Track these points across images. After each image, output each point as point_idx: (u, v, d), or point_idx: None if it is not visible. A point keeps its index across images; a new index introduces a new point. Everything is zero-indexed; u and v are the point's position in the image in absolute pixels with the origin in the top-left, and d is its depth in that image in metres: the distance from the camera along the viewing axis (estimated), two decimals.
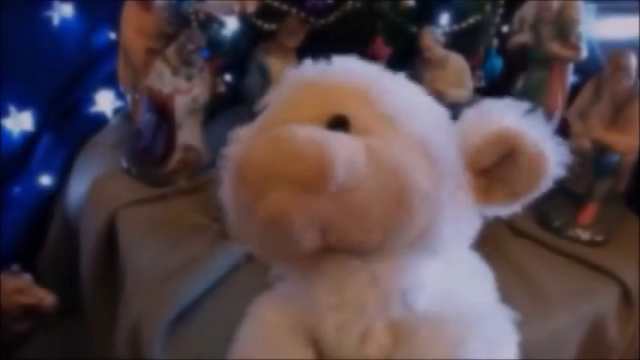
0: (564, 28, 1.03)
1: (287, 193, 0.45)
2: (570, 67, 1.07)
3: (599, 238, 0.96)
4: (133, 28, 1.07)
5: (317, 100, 0.50)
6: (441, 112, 0.53)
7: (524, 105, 0.52)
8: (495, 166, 0.51)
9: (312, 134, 0.45)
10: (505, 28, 1.15)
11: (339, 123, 0.48)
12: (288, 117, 0.49)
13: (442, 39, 1.04)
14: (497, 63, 1.14)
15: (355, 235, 0.47)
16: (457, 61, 1.06)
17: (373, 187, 0.45)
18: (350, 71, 0.52)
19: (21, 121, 1.14)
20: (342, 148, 0.45)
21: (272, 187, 0.45)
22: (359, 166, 0.45)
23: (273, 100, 0.54)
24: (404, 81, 0.54)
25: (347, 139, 0.46)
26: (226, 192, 0.50)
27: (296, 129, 0.45)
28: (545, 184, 0.50)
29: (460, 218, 0.51)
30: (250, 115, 0.57)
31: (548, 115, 0.53)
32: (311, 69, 0.53)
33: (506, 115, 0.51)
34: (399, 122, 0.49)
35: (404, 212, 0.46)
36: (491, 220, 0.54)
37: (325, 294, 0.51)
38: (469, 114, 0.53)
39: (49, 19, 1.16)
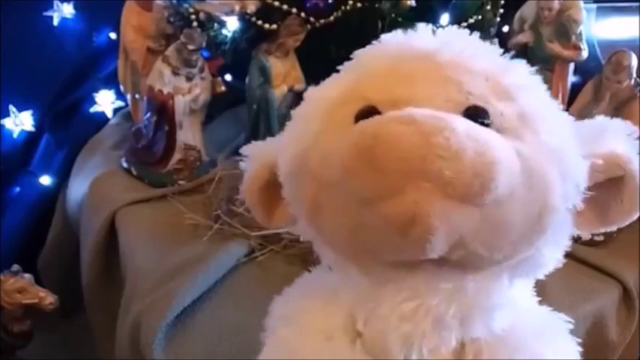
0: (564, 28, 1.03)
1: (431, 195, 0.37)
2: (571, 67, 1.07)
3: (599, 237, 0.95)
4: (133, 28, 1.07)
5: (442, 81, 0.41)
6: (568, 120, 0.46)
7: (628, 128, 0.46)
8: (594, 189, 0.44)
9: (472, 131, 0.37)
10: (505, 28, 1.15)
11: (477, 118, 0.40)
12: (401, 95, 0.41)
13: None
14: None
15: (484, 252, 0.40)
16: None
17: (521, 202, 0.39)
18: (476, 52, 0.43)
19: (21, 121, 1.14)
20: (504, 152, 0.38)
21: (414, 184, 0.36)
22: (516, 178, 0.38)
23: (365, 63, 0.45)
24: (536, 77, 0.46)
25: (500, 140, 0.39)
26: (330, 172, 0.40)
27: (451, 119, 0.37)
28: (636, 217, 0.45)
29: (562, 242, 0.45)
30: (250, 115, 0.55)
31: None
32: (425, 38, 0.44)
33: (618, 137, 0.45)
34: (537, 126, 0.41)
35: (539, 232, 0.41)
36: None
37: (398, 301, 0.44)
38: (582, 128, 0.46)
39: (49, 19, 1.16)
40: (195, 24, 0.98)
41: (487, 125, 0.40)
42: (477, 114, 0.40)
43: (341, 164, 0.38)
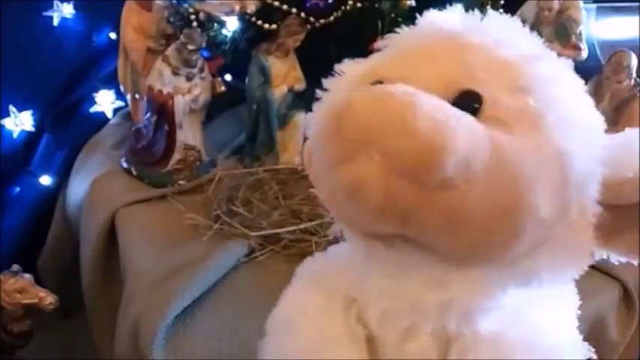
0: (564, 28, 1.03)
1: (379, 166, 0.37)
2: (571, 67, 1.07)
3: None
4: (133, 28, 1.07)
5: (451, 62, 0.41)
6: (597, 125, 0.43)
7: None
8: (633, 209, 0.40)
9: (435, 109, 0.36)
10: None
11: (470, 101, 0.39)
12: (409, 72, 0.41)
13: None
14: None
15: (438, 239, 0.39)
16: None
17: (481, 194, 0.37)
18: (505, 39, 0.42)
19: (21, 121, 1.14)
20: (464, 137, 0.36)
21: (365, 152, 0.37)
22: (475, 166, 0.37)
23: (399, 42, 0.45)
24: (569, 72, 0.44)
25: (473, 126, 0.37)
26: (316, 137, 0.42)
27: (421, 97, 0.37)
28: None
29: (568, 259, 0.42)
30: (250, 115, 0.55)
31: None
32: (459, 20, 0.43)
33: None
34: (545, 124, 0.39)
35: (508, 232, 0.38)
36: None
37: (383, 276, 0.45)
38: (621, 137, 0.43)
39: (49, 19, 1.16)
40: (195, 24, 0.98)
41: (475, 110, 0.38)
42: (470, 98, 0.39)
43: (319, 129, 0.41)
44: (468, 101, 0.39)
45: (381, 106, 0.37)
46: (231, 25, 1.00)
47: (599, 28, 1.13)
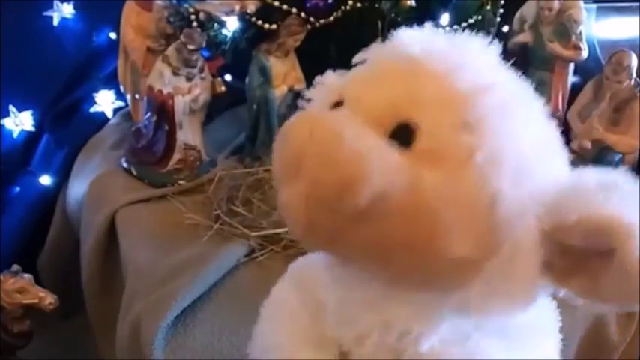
0: (564, 28, 1.03)
1: (303, 191, 0.39)
2: (571, 67, 1.07)
3: None
4: (133, 28, 1.07)
5: (400, 88, 0.40)
6: (543, 159, 0.41)
7: (630, 184, 0.39)
8: (582, 252, 0.38)
9: (359, 143, 0.37)
10: (505, 28, 1.15)
11: (404, 134, 0.39)
12: (361, 94, 0.42)
13: None
14: None
15: (362, 260, 0.41)
16: None
17: (396, 227, 0.38)
18: (463, 64, 0.40)
19: (21, 121, 1.14)
20: (381, 171, 0.37)
21: (295, 177, 0.39)
22: (389, 200, 0.37)
23: (370, 58, 0.45)
24: (524, 100, 0.42)
25: (395, 159, 0.38)
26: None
27: (350, 128, 0.38)
28: (635, 300, 0.38)
29: (503, 293, 0.41)
30: (250, 115, 0.55)
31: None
32: (418, 41, 0.42)
33: (611, 198, 0.37)
34: (477, 160, 0.37)
35: (424, 268, 0.39)
36: None
37: (337, 285, 0.47)
38: (576, 177, 0.41)
39: (49, 19, 1.16)
40: (195, 24, 0.98)
41: (409, 142, 0.38)
42: (407, 129, 0.39)
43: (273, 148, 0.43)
44: (404, 132, 0.39)
45: (312, 134, 0.39)
46: (231, 25, 1.00)
47: (599, 28, 1.13)
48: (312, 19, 1.01)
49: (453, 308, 0.42)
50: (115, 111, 1.22)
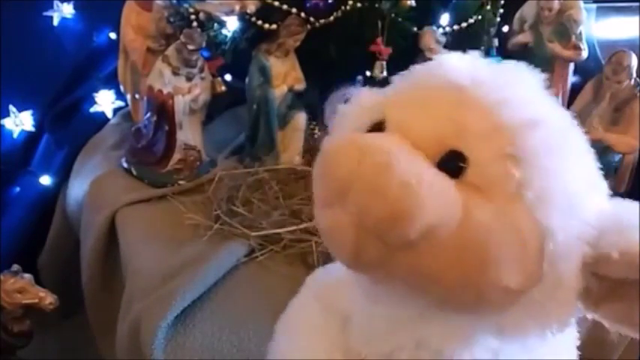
0: (565, 29, 1.03)
1: (351, 219, 0.39)
2: (571, 67, 1.07)
3: None
4: (133, 28, 1.07)
5: (447, 117, 0.40)
6: (586, 197, 0.41)
7: None
8: (623, 281, 0.39)
9: (410, 175, 0.37)
10: (505, 28, 1.15)
11: (454, 161, 0.39)
12: (406, 118, 0.42)
13: (443, 39, 1.04)
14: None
15: (407, 288, 0.41)
16: None
17: (445, 257, 0.38)
18: (509, 99, 0.40)
19: (21, 121, 1.14)
20: (433, 205, 0.37)
21: (341, 202, 0.39)
22: (440, 233, 0.37)
23: (411, 78, 0.45)
24: (568, 136, 0.42)
25: (446, 192, 0.38)
26: (315, 166, 0.43)
27: (400, 157, 0.38)
28: None
29: (551, 317, 0.41)
30: (250, 115, 0.55)
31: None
32: (465, 69, 0.42)
33: None
34: (527, 195, 0.38)
35: (470, 296, 0.39)
36: None
37: (369, 302, 0.47)
38: (610, 213, 0.41)
39: (49, 19, 1.16)
40: (195, 24, 0.98)
41: (458, 172, 0.39)
42: (456, 159, 0.39)
43: (316, 163, 0.42)
44: (453, 162, 0.39)
45: (360, 161, 0.38)
46: (231, 25, 1.00)
47: (599, 28, 1.13)
48: (312, 19, 1.01)
49: (488, 330, 0.42)
50: (115, 111, 1.22)
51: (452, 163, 0.39)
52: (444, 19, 1.06)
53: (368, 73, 1.01)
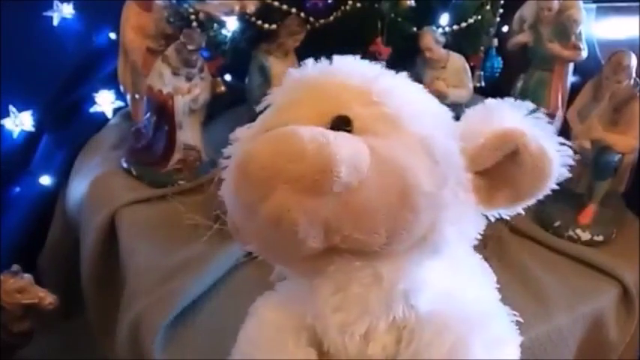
0: (564, 28, 1.03)
1: (290, 193, 0.44)
2: (570, 67, 1.07)
3: (599, 238, 0.96)
4: (133, 28, 1.07)
5: (318, 100, 0.50)
6: (443, 111, 0.53)
7: (527, 105, 0.52)
8: (498, 167, 0.50)
9: (315, 134, 0.44)
10: (505, 28, 1.15)
11: (342, 124, 0.48)
12: (289, 117, 0.49)
13: (442, 39, 1.04)
14: (497, 63, 1.14)
15: (359, 236, 0.46)
16: (457, 62, 1.06)
17: (376, 187, 0.45)
18: (351, 71, 0.52)
19: (21, 121, 1.14)
20: (345, 147, 0.44)
21: (274, 187, 0.44)
22: (362, 166, 0.45)
23: (275, 100, 0.54)
24: (405, 80, 0.53)
25: (350, 138, 0.46)
26: (228, 191, 0.49)
27: (298, 128, 0.45)
28: (549, 185, 0.50)
29: (463, 219, 0.50)
30: (250, 115, 0.56)
31: (549, 116, 0.53)
32: (312, 69, 0.53)
33: (509, 115, 0.51)
34: (401, 122, 0.48)
35: (408, 212, 0.46)
36: (492, 221, 0.54)
37: (328, 295, 0.51)
38: (471, 113, 0.53)
39: (49, 19, 1.16)
40: (195, 24, 0.98)
41: (348, 129, 0.47)
42: (341, 120, 0.48)
43: (228, 184, 0.49)
44: (340, 123, 0.48)
45: (272, 145, 0.45)
46: (231, 25, 1.00)
47: (599, 28, 1.13)
48: (312, 19, 1.01)
49: (430, 251, 0.50)
50: (115, 111, 1.22)
51: (340, 124, 0.48)
52: (444, 19, 1.06)
53: None
